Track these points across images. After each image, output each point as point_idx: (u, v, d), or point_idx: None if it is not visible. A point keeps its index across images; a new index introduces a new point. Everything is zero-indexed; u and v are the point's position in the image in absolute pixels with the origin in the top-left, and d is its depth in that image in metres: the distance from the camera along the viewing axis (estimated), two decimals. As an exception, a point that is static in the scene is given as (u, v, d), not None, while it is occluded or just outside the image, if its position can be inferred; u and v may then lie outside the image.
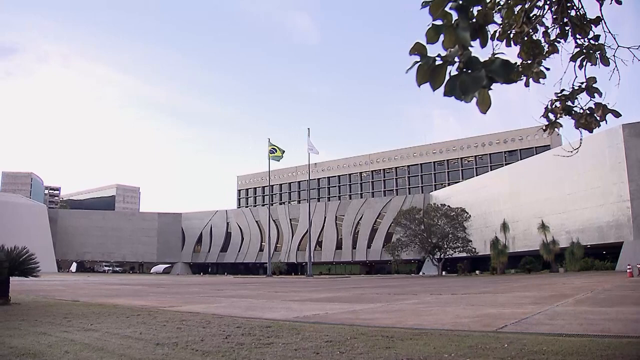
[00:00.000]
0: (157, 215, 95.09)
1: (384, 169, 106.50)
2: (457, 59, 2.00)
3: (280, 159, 64.29)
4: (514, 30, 3.63)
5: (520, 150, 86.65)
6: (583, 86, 3.74)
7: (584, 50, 3.72)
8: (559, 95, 3.89)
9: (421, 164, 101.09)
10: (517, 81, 3.49)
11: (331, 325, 7.40)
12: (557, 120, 3.96)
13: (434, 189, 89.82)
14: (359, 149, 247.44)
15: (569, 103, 3.85)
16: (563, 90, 3.87)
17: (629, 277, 25.86)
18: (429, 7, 2.12)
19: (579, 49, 3.74)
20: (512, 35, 3.65)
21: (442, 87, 1.99)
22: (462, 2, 2.09)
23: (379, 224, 77.17)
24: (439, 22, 2.14)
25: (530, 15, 3.66)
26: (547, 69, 3.79)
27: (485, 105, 2.09)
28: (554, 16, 3.72)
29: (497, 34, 3.61)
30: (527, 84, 3.78)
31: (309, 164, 66.02)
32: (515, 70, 2.26)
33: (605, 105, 3.65)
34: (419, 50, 2.02)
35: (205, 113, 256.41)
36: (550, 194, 48.15)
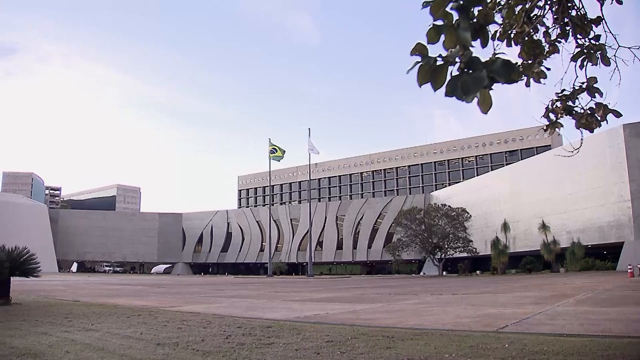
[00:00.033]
0: (158, 215, 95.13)
1: (384, 169, 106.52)
2: (458, 59, 2.00)
3: (281, 159, 64.28)
4: (514, 30, 3.63)
5: (521, 150, 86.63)
6: (584, 86, 3.74)
7: (584, 50, 3.72)
8: (560, 95, 3.89)
9: (422, 164, 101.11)
10: (518, 81, 3.49)
11: (332, 326, 7.40)
12: (558, 120, 3.96)
13: (434, 189, 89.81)
14: (360, 149, 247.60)
15: (570, 103, 3.85)
16: (564, 90, 3.87)
17: (629, 277, 25.84)
18: (429, 7, 2.12)
19: (579, 49, 3.74)
20: (512, 35, 3.65)
21: (444, 88, 1.99)
22: (462, 3, 2.09)
23: (379, 224, 77.18)
24: (440, 22, 2.14)
25: (531, 15, 3.66)
26: (548, 69, 3.79)
27: (486, 106, 2.09)
28: (555, 16, 3.72)
29: (498, 34, 3.61)
30: (527, 84, 3.78)
31: (310, 164, 66.02)
32: (516, 70, 2.26)
33: (606, 105, 3.65)
34: (420, 50, 2.02)
35: (205, 113, 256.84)
36: (551, 194, 48.13)
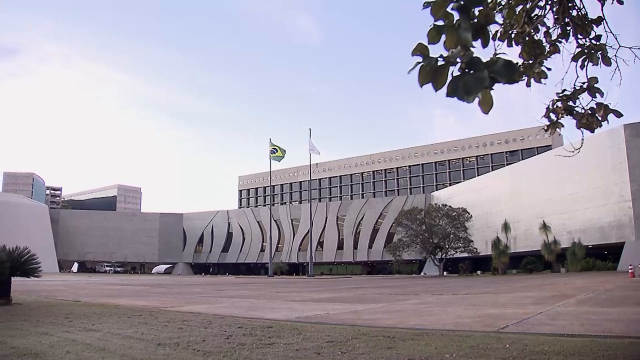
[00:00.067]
0: (159, 215, 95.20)
1: (385, 169, 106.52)
2: (459, 60, 2.00)
3: (282, 159, 64.22)
4: (515, 31, 3.63)
5: (521, 150, 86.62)
6: (584, 86, 3.74)
7: (585, 50, 3.72)
8: (561, 95, 3.89)
9: (422, 164, 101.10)
10: (519, 81, 3.49)
11: (333, 326, 7.39)
12: (559, 121, 3.95)
13: (435, 189, 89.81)
14: (360, 149, 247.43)
15: (571, 103, 3.85)
16: (564, 90, 3.87)
17: (630, 277, 25.81)
18: (430, 7, 2.12)
19: (580, 49, 3.73)
20: (513, 35, 3.65)
21: (445, 88, 1.99)
22: (463, 3, 2.09)
23: (380, 224, 77.17)
24: (441, 22, 2.14)
25: (532, 15, 3.65)
26: (549, 69, 3.78)
27: (487, 106, 2.09)
28: (556, 16, 3.72)
29: (499, 34, 3.61)
30: (528, 84, 3.78)
31: (310, 164, 66.02)
32: (518, 70, 2.26)
33: (606, 105, 3.65)
34: (421, 51, 2.02)
35: (205, 113, 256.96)
36: (551, 194, 48.11)
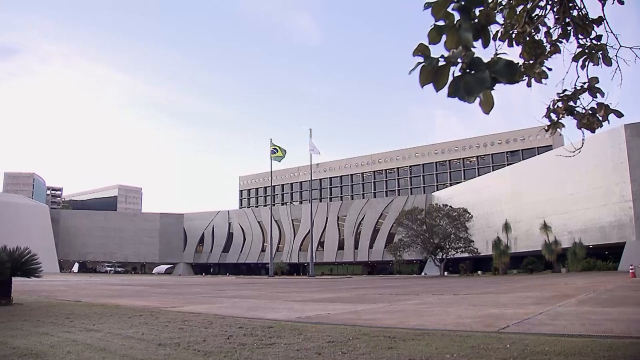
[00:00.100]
0: (159, 215, 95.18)
1: (385, 169, 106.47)
2: (460, 60, 2.00)
3: (282, 159, 64.16)
4: (516, 31, 3.63)
5: (522, 150, 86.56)
6: (585, 86, 3.73)
7: (586, 50, 3.71)
8: (561, 95, 3.89)
9: (423, 164, 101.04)
10: (520, 81, 3.49)
11: (333, 326, 7.39)
12: (559, 121, 3.95)
13: (436, 189, 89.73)
14: (361, 149, 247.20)
15: (571, 103, 3.85)
16: (565, 90, 3.86)
17: (631, 277, 25.78)
18: (431, 8, 2.12)
19: (581, 49, 3.73)
20: (514, 35, 3.64)
21: (446, 88, 1.99)
22: (464, 3, 2.09)
23: (380, 225, 77.12)
24: (441, 22, 2.14)
25: (532, 15, 3.65)
26: (549, 69, 3.78)
27: (488, 106, 2.09)
28: (556, 16, 3.71)
29: (499, 34, 3.61)
30: (529, 84, 3.77)
31: (311, 165, 66.00)
32: (519, 70, 2.26)
33: (607, 105, 3.65)
34: (422, 51, 2.02)
35: (205, 113, 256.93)
36: (552, 194, 48.07)
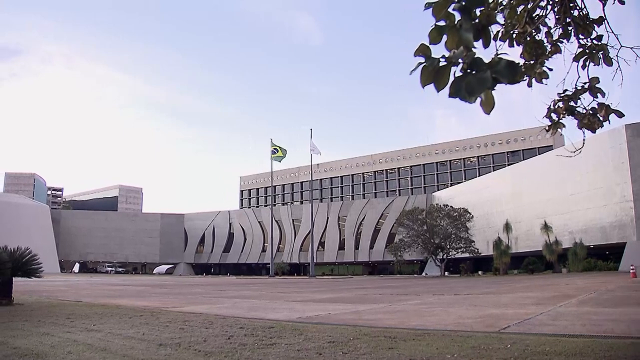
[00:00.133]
0: (160, 215, 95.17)
1: (386, 170, 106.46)
2: (461, 60, 2.00)
3: (282, 159, 64.15)
4: (516, 31, 3.63)
5: (522, 150, 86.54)
6: (586, 86, 3.73)
7: (586, 51, 3.71)
8: (562, 95, 3.88)
9: (424, 164, 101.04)
10: (520, 81, 3.49)
11: (334, 326, 7.38)
12: (560, 121, 3.95)
13: (436, 189, 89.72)
14: (361, 149, 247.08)
15: (572, 103, 3.84)
16: (566, 90, 3.86)
17: (632, 277, 25.75)
18: (432, 8, 2.12)
19: (581, 49, 3.73)
20: (514, 35, 3.65)
21: (447, 88, 1.99)
22: (464, 3, 2.09)
23: (381, 225, 77.10)
24: (442, 23, 2.14)
25: (533, 15, 3.65)
26: (550, 69, 3.78)
27: (489, 106, 2.09)
28: (557, 16, 3.71)
29: (500, 35, 3.61)
30: (529, 84, 3.78)
31: (312, 165, 66.00)
32: (520, 71, 2.26)
33: (608, 105, 3.65)
34: (423, 51, 2.02)
35: (205, 113, 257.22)
36: (553, 195, 48.04)
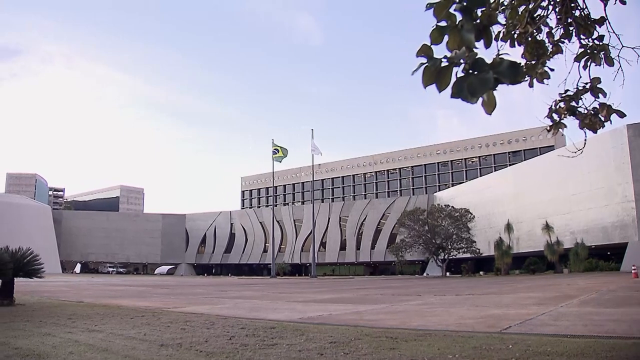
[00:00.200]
0: (161, 216, 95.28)
1: (387, 170, 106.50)
2: (462, 61, 2.00)
3: (283, 159, 64.19)
4: (518, 31, 3.62)
5: (524, 150, 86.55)
6: (587, 86, 3.73)
7: (588, 51, 3.71)
8: (563, 95, 3.88)
9: (425, 164, 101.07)
10: (522, 82, 3.48)
11: (335, 326, 7.38)
12: (562, 121, 3.95)
13: (437, 189, 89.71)
14: (362, 149, 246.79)
15: (573, 103, 3.84)
16: (567, 90, 3.86)
17: (633, 277, 25.70)
18: (433, 8, 2.12)
19: (583, 49, 3.72)
20: (516, 35, 3.64)
21: (449, 89, 1.99)
22: (466, 4, 2.09)
23: (382, 225, 77.09)
24: (444, 23, 2.14)
25: (534, 15, 3.65)
26: (551, 70, 3.78)
27: (491, 106, 2.09)
28: (558, 16, 3.71)
29: (501, 35, 3.61)
30: (531, 84, 3.77)
31: (313, 165, 66.00)
32: (522, 71, 2.26)
33: (609, 105, 3.64)
34: (425, 52, 2.02)
35: (205, 113, 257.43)
36: (554, 195, 48.00)
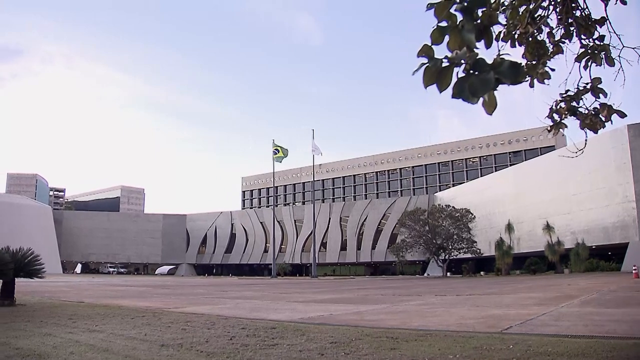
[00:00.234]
0: (162, 216, 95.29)
1: (388, 170, 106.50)
2: (463, 61, 1.99)
3: (283, 159, 64.18)
4: (518, 31, 3.62)
5: (525, 151, 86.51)
6: (588, 87, 3.73)
7: (588, 51, 3.71)
8: (564, 95, 3.88)
9: (426, 164, 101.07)
10: (522, 82, 3.48)
11: (336, 327, 7.38)
12: (562, 121, 3.94)
13: (438, 189, 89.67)
14: (362, 149, 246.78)
15: (574, 104, 3.84)
16: (568, 90, 3.86)
17: (634, 278, 25.68)
18: (434, 9, 2.12)
19: (583, 50, 3.72)
20: (516, 35, 3.64)
21: (450, 89, 1.99)
22: (466, 4, 2.09)
23: (383, 225, 77.07)
24: (444, 23, 2.14)
25: (535, 15, 3.64)
26: (552, 70, 3.78)
27: (491, 107, 2.09)
28: (559, 16, 3.71)
29: (502, 35, 3.61)
30: (531, 84, 3.77)
31: (313, 165, 65.98)
32: (523, 71, 2.25)
33: (610, 105, 3.64)
34: (426, 52, 2.02)
35: (205, 113, 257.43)
36: (555, 195, 47.98)
